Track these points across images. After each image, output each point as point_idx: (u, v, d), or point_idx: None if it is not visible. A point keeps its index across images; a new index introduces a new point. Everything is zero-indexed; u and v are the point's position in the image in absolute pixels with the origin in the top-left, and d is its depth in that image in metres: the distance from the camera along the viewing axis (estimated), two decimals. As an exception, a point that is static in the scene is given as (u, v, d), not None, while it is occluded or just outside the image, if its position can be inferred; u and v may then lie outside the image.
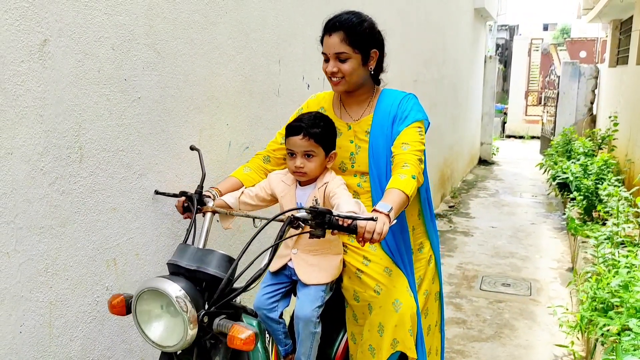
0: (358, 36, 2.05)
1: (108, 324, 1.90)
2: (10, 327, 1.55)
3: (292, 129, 2.00)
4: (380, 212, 1.76)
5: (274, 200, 2.13)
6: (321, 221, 1.68)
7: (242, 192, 2.08)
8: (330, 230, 1.73)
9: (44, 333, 1.65)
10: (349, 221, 1.71)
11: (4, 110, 1.46)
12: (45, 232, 1.62)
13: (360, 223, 1.72)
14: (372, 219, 1.68)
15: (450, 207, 7.58)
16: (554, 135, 10.21)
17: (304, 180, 2.03)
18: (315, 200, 2.00)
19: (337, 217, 1.69)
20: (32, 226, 1.58)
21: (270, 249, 1.66)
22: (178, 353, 1.63)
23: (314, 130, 1.97)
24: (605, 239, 4.01)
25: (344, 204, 1.80)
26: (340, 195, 1.94)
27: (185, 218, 2.07)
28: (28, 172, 1.55)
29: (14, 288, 1.54)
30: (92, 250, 1.80)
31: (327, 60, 2.08)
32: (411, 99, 2.22)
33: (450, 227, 6.63)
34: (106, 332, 1.89)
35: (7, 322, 1.54)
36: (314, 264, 2.07)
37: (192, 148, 2.04)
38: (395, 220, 1.81)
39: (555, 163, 7.26)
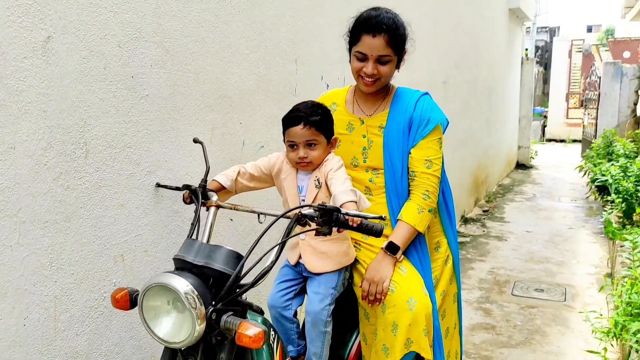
0: (399, 39, 2.06)
1: (116, 319, 1.91)
2: (14, 319, 1.57)
3: (290, 120, 1.96)
4: (389, 255, 2.08)
5: (270, 181, 2.10)
6: (328, 219, 1.66)
7: (238, 172, 2.04)
8: (336, 228, 1.71)
9: (49, 327, 1.67)
10: (358, 220, 1.68)
11: (6, 105, 1.49)
12: (49, 227, 1.64)
13: (363, 286, 2.07)
14: (381, 217, 1.65)
15: (484, 211, 7.41)
16: (596, 138, 9.88)
17: (308, 170, 1.99)
18: (317, 180, 1.97)
19: (345, 216, 1.66)
20: (35, 220, 1.60)
21: (277, 246, 1.64)
22: (182, 349, 1.63)
23: (314, 118, 1.94)
24: (642, 242, 3.83)
25: (341, 194, 1.79)
26: (336, 180, 1.89)
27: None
28: (31, 166, 1.57)
29: (17, 281, 1.56)
30: (99, 245, 1.82)
31: (361, 60, 2.06)
32: (428, 99, 2.23)
33: (484, 231, 6.47)
34: (114, 327, 1.90)
35: (11, 314, 1.56)
36: (322, 252, 2.03)
37: (195, 141, 2.03)
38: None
39: (595, 165, 7.02)
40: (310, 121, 1.93)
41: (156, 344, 2.08)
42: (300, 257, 2.08)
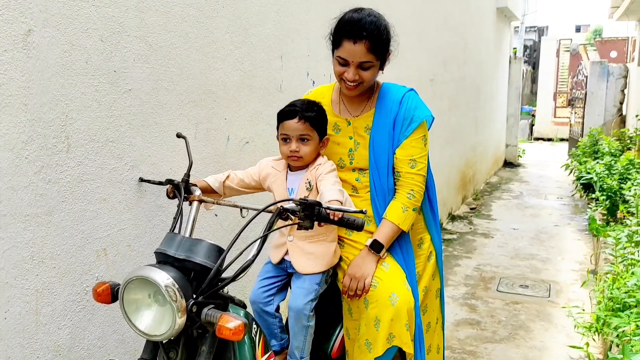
0: (382, 44, 2.02)
1: (99, 313, 1.91)
2: (-6, 313, 1.56)
3: (286, 113, 1.99)
4: (373, 253, 2.09)
5: (259, 187, 2.11)
6: (310, 213, 1.67)
7: (228, 177, 2.07)
8: (318, 222, 1.72)
9: (30, 320, 1.67)
10: (339, 214, 1.69)
11: (-14, 98, 1.49)
12: (30, 220, 1.64)
13: (345, 281, 2.07)
14: (362, 211, 1.66)
15: (471, 209, 7.46)
16: (583, 137, 9.98)
17: (299, 164, 2.01)
18: (309, 182, 1.99)
19: (326, 210, 1.68)
20: (16, 213, 1.59)
21: (259, 239, 1.65)
22: (164, 342, 1.63)
23: (309, 114, 1.97)
24: (625, 237, 3.88)
25: (328, 192, 1.80)
26: (326, 182, 1.92)
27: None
28: (12, 160, 1.57)
29: (-2, 274, 1.56)
30: (81, 239, 1.82)
31: (343, 65, 2.03)
32: (412, 96, 2.21)
33: (470, 228, 6.51)
34: (96, 321, 1.90)
35: (-9, 308, 1.55)
36: (309, 252, 2.05)
37: (178, 135, 2.04)
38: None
39: (581, 164, 7.09)
40: (305, 116, 1.96)
41: (139, 338, 2.08)
42: (285, 254, 2.10)
